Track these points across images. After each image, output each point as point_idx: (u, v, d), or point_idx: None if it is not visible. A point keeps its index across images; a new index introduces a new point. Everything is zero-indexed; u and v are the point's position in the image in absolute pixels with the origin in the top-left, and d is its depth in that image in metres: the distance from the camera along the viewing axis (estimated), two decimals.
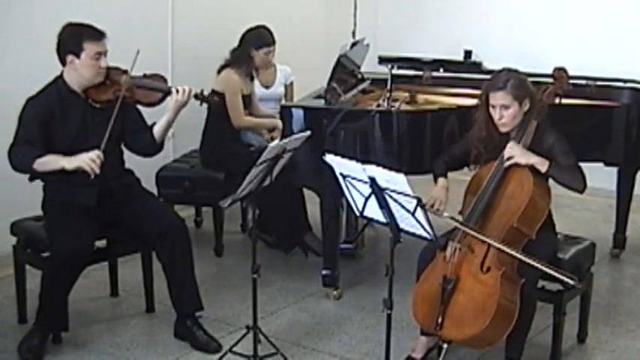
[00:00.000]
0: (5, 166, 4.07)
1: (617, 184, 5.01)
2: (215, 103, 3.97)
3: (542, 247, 3.48)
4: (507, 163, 3.45)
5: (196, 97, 3.82)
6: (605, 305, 4.35)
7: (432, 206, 3.59)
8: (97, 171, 3.53)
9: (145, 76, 3.85)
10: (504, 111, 3.48)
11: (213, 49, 5.12)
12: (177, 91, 3.75)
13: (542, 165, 3.43)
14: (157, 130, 3.83)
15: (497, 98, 3.48)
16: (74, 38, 3.65)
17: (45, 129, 3.63)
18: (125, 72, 3.75)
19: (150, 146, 3.87)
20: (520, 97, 3.47)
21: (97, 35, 3.67)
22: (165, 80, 3.88)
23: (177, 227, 3.81)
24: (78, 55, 3.64)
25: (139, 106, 3.86)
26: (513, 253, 3.30)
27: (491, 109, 3.53)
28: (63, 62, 3.69)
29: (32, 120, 3.63)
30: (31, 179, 3.71)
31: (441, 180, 3.74)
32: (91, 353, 3.74)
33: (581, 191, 3.50)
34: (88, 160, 3.52)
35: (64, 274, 3.58)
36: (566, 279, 3.25)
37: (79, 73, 3.68)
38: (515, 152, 3.44)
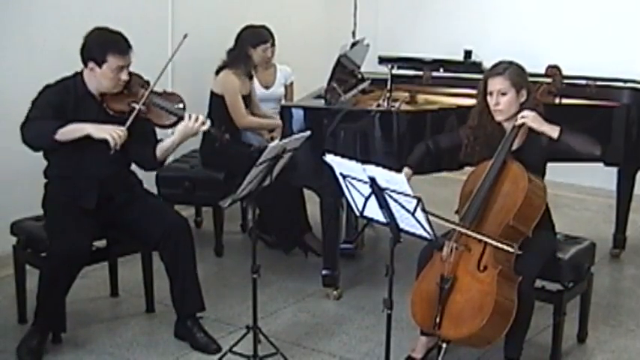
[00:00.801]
0: (5, 167, 4.08)
1: (617, 184, 5.01)
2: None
3: (541, 247, 3.49)
4: (518, 122, 3.47)
5: (208, 131, 3.73)
6: (605, 305, 4.35)
7: None
8: (118, 147, 3.53)
9: (164, 92, 3.80)
10: (501, 97, 3.50)
11: (213, 49, 5.12)
12: (190, 117, 3.68)
13: (554, 131, 3.43)
14: (159, 149, 3.79)
15: (495, 83, 3.51)
16: (99, 47, 3.61)
17: (57, 116, 3.58)
18: (147, 83, 3.72)
19: (149, 162, 3.85)
20: (518, 85, 3.50)
21: (123, 49, 3.63)
22: (182, 102, 3.79)
23: (182, 227, 3.81)
24: (100, 65, 3.61)
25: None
26: (485, 239, 3.31)
27: (488, 97, 3.54)
28: (84, 64, 3.67)
29: (47, 104, 3.60)
30: (45, 154, 3.63)
31: (405, 168, 3.72)
32: (91, 353, 3.74)
33: (600, 155, 3.48)
34: (115, 134, 3.52)
35: (61, 274, 3.58)
36: (505, 247, 3.24)
37: (98, 80, 3.66)
38: (528, 115, 3.46)
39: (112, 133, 3.52)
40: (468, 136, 3.63)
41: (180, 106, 3.76)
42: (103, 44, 3.61)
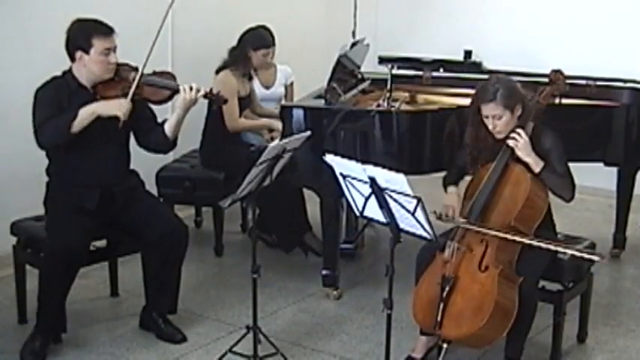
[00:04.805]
0: (5, 167, 4.07)
1: (617, 184, 5.00)
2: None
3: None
4: (509, 142, 3.47)
5: (205, 96, 3.80)
6: (605, 305, 4.35)
7: (447, 215, 3.60)
8: (126, 117, 3.60)
9: (154, 73, 3.83)
10: (497, 120, 3.50)
11: (213, 49, 5.12)
12: (185, 89, 3.74)
13: (537, 165, 3.45)
14: (168, 128, 3.83)
15: (489, 110, 3.49)
16: (83, 34, 3.64)
17: (58, 112, 3.60)
18: (135, 69, 3.75)
19: (163, 144, 3.88)
20: (511, 105, 3.48)
21: (106, 31, 3.66)
22: (174, 78, 3.86)
23: (180, 233, 3.82)
24: (87, 52, 3.64)
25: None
26: (522, 239, 3.32)
27: (484, 119, 3.54)
28: (72, 58, 3.68)
29: (47, 103, 3.62)
30: (47, 152, 3.66)
31: (450, 188, 3.75)
32: (91, 353, 3.74)
33: (568, 200, 3.53)
34: (123, 108, 3.60)
35: (59, 272, 3.57)
36: (587, 255, 3.27)
37: (88, 69, 3.67)
38: (519, 142, 3.46)
39: (119, 108, 3.60)
40: (472, 153, 3.63)
41: (172, 80, 3.82)
42: (86, 30, 3.65)
